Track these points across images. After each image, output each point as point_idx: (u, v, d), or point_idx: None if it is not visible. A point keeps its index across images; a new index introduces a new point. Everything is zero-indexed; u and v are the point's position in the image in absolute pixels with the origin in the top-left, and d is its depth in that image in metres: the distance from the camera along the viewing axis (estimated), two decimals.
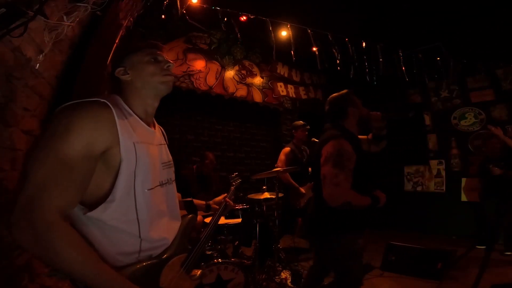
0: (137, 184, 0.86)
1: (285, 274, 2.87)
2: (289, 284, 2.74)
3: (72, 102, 0.81)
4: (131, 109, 0.94)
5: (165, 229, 0.97)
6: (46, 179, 0.72)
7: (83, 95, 0.84)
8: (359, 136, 1.89)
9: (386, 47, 3.60)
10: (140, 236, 0.87)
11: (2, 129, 1.16)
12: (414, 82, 4.20)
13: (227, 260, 2.18)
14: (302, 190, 3.54)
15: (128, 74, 0.96)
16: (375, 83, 3.80)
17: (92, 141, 0.78)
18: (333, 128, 1.77)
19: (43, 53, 1.30)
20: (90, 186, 0.81)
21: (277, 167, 3.31)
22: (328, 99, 1.89)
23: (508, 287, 2.77)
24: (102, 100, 0.83)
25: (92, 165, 0.79)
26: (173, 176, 1.07)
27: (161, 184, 0.98)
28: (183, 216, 1.10)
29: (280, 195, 3.00)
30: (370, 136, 2.03)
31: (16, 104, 1.24)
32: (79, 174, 0.76)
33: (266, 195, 2.98)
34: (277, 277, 2.77)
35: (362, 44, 3.51)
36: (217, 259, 2.14)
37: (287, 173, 3.49)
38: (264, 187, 3.02)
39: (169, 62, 1.00)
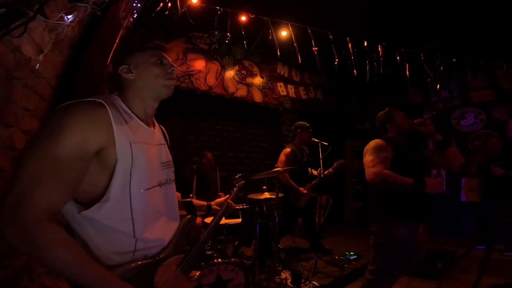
0: (133, 184, 0.86)
1: (285, 274, 2.87)
2: (289, 284, 2.74)
3: (69, 102, 0.81)
4: (130, 109, 0.93)
5: (162, 230, 0.96)
6: (37, 177, 0.72)
7: (84, 95, 0.84)
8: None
9: (387, 47, 3.60)
10: (135, 236, 0.86)
11: (2, 129, 1.16)
12: (414, 82, 4.20)
13: (227, 260, 2.17)
14: (302, 190, 3.54)
15: (132, 73, 0.96)
16: (375, 83, 3.80)
17: (84, 141, 0.77)
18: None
19: (43, 53, 1.30)
20: (86, 185, 0.81)
21: (277, 167, 3.30)
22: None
23: (508, 287, 2.77)
24: (98, 100, 0.83)
25: (85, 164, 0.79)
26: (172, 176, 1.07)
27: (160, 184, 0.97)
28: (181, 217, 1.09)
29: (280, 195, 3.00)
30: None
31: (16, 104, 1.24)
32: (70, 173, 0.76)
33: (266, 195, 2.97)
34: (277, 277, 2.77)
35: (363, 44, 3.51)
36: (217, 259, 2.14)
37: (287, 174, 3.49)
38: (264, 187, 3.01)
39: (174, 66, 1.01)
